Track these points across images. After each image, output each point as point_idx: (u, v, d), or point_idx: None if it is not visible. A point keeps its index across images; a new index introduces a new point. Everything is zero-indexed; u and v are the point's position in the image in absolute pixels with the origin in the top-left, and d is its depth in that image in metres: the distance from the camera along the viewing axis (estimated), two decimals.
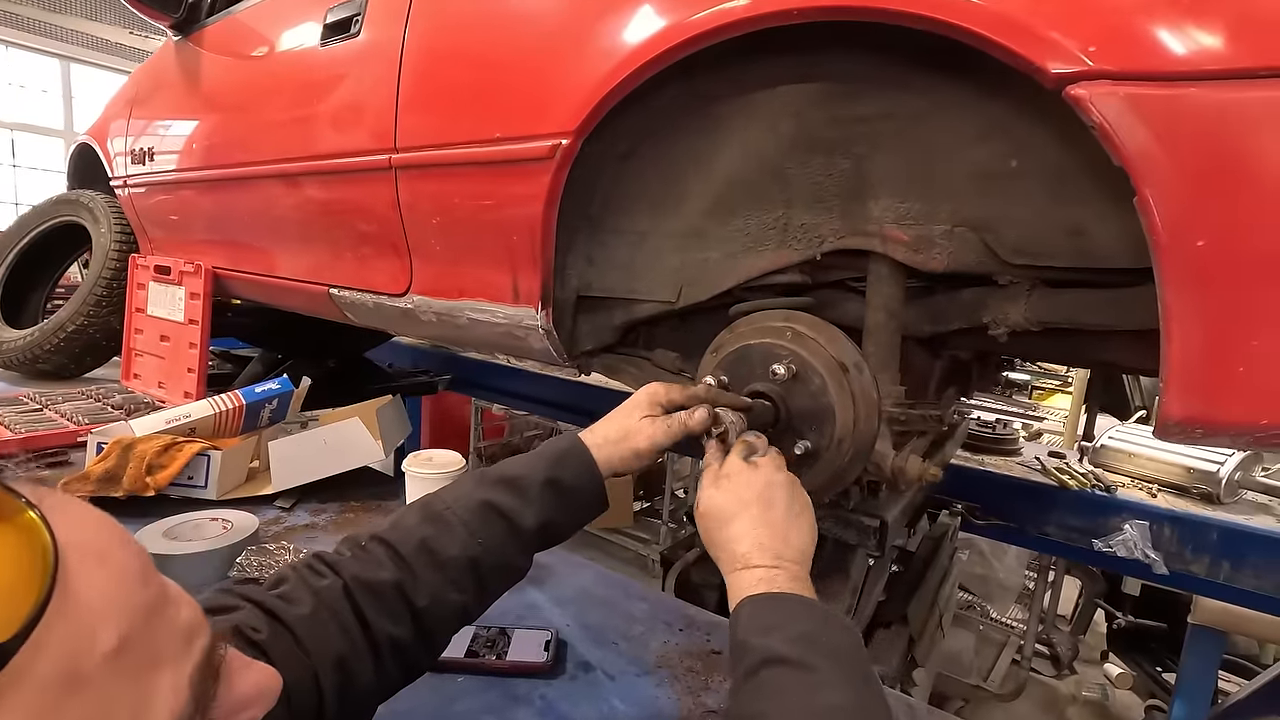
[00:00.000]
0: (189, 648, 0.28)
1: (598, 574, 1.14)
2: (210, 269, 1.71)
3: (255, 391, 1.38)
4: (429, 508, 0.60)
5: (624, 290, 1.10)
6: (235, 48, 1.57)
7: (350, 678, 0.50)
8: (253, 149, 1.45)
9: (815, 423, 0.76)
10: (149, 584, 0.27)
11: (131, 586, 0.25)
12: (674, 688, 0.83)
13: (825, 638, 0.51)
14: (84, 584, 0.23)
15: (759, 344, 0.80)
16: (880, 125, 0.85)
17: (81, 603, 0.23)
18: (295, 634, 0.48)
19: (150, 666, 0.25)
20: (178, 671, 0.26)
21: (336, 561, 0.55)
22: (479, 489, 0.61)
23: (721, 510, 0.64)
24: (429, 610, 0.55)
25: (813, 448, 0.75)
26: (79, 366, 1.99)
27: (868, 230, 0.88)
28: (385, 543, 0.56)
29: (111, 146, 2.02)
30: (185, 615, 0.28)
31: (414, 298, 1.19)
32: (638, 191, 1.03)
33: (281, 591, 0.51)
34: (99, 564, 0.25)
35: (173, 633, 0.27)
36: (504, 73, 1.01)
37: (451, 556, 0.56)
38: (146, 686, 0.25)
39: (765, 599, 0.55)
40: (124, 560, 0.26)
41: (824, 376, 0.76)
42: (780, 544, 0.60)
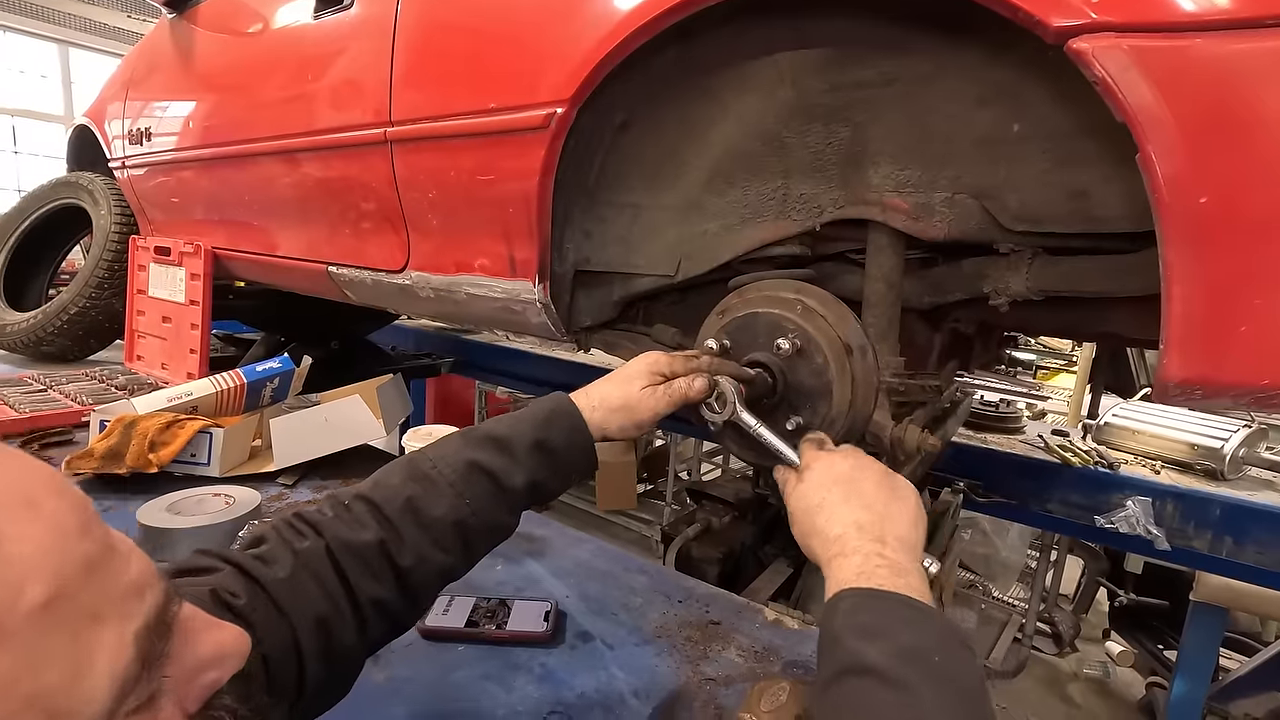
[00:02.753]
0: (137, 604, 0.26)
1: (597, 547, 1.14)
2: (210, 249, 1.71)
3: (256, 370, 1.38)
4: (415, 466, 0.58)
5: (622, 264, 1.09)
6: (228, 23, 1.56)
7: (332, 638, 0.50)
8: (248, 126, 1.44)
9: (811, 401, 0.75)
10: (88, 536, 0.25)
11: (68, 538, 0.24)
12: (673, 657, 0.84)
13: (937, 657, 0.43)
14: (11, 531, 0.23)
15: (767, 313, 0.79)
16: (880, 91, 0.84)
17: (8, 550, 0.22)
18: (274, 597, 0.47)
19: (89, 622, 0.24)
20: (122, 628, 0.25)
21: (318, 521, 0.54)
22: (466, 448, 0.60)
23: (807, 498, 0.59)
24: (413, 570, 0.54)
25: (804, 424, 0.74)
26: (82, 349, 2.00)
27: (867, 199, 0.87)
28: (369, 502, 0.55)
29: (109, 128, 2.01)
30: (135, 569, 0.27)
31: (412, 274, 1.19)
32: (635, 163, 1.02)
33: (260, 552, 0.50)
34: (30, 513, 0.24)
35: (117, 588, 0.26)
36: (498, 41, 0.99)
37: (437, 517, 0.56)
38: (85, 643, 0.24)
39: (872, 596, 0.48)
40: (58, 511, 0.25)
41: (827, 356, 0.75)
42: (880, 525, 0.54)
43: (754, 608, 0.97)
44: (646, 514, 3.75)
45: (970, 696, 0.43)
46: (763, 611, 0.96)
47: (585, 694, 0.77)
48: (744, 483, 1.53)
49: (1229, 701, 2.09)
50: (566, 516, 3.81)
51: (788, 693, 0.70)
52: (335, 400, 1.30)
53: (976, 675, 0.45)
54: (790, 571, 1.26)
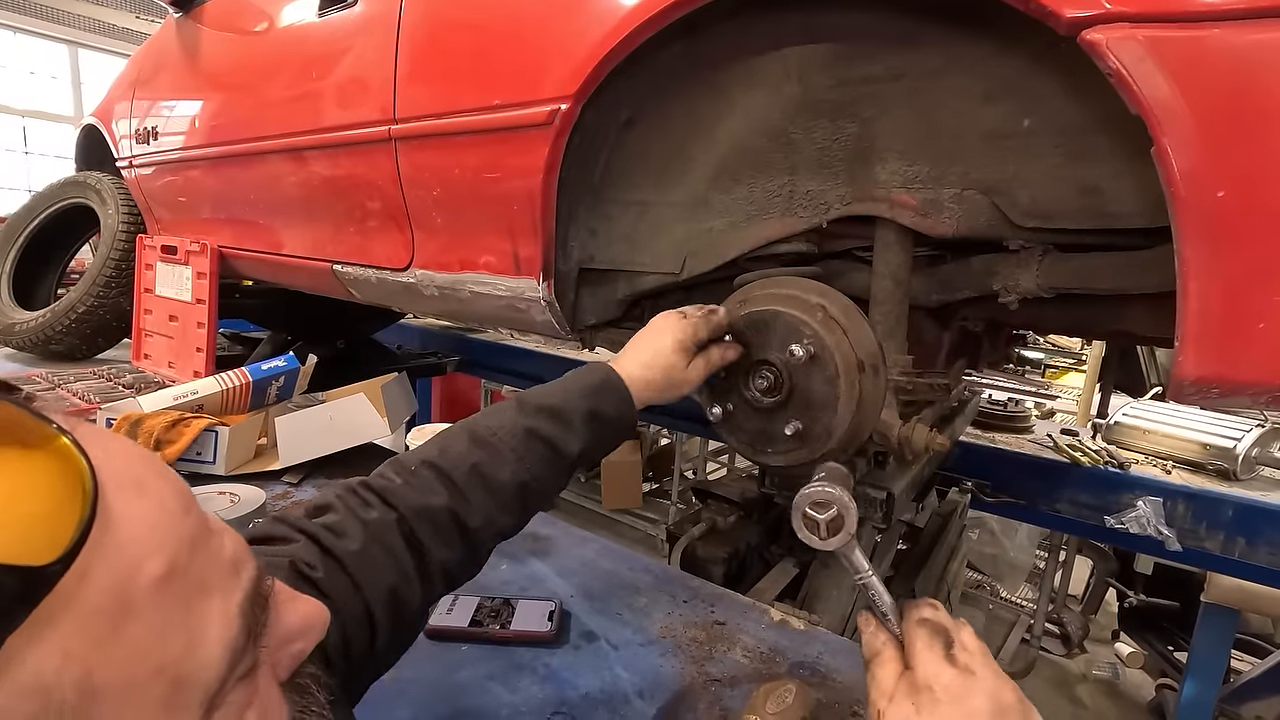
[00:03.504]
0: (236, 578, 0.27)
1: (602, 546, 1.14)
2: (216, 248, 1.71)
3: (262, 369, 1.39)
4: (475, 434, 0.60)
5: (627, 262, 1.08)
6: (234, 22, 1.56)
7: (401, 605, 0.51)
8: (253, 124, 1.44)
9: (814, 411, 0.74)
10: (191, 514, 0.26)
11: (174, 516, 0.25)
12: (677, 658, 0.83)
13: None
14: (125, 511, 0.23)
15: (788, 314, 0.76)
16: (888, 86, 0.83)
17: (124, 530, 0.23)
18: (348, 569, 0.48)
19: (200, 595, 0.25)
20: (227, 600, 0.26)
21: (385, 489, 0.54)
22: (522, 416, 0.61)
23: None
24: (480, 531, 0.57)
25: (802, 431, 0.73)
26: (90, 347, 2.01)
27: (875, 195, 0.86)
28: (436, 468, 0.57)
29: (116, 128, 2.02)
30: (230, 546, 0.28)
31: (416, 272, 1.19)
32: (640, 160, 1.01)
33: (330, 523, 0.51)
34: (138, 493, 0.24)
35: (219, 563, 0.27)
36: (502, 38, 0.99)
37: (503, 481, 0.58)
38: (198, 614, 0.25)
39: None
40: (163, 490, 0.26)
41: (839, 371, 0.72)
42: None
43: (760, 608, 0.97)
44: (652, 513, 3.74)
45: None
46: (768, 612, 0.95)
47: (589, 694, 0.76)
48: (750, 482, 1.51)
49: (1240, 704, 2.07)
50: (571, 516, 3.81)
51: (794, 694, 0.69)
52: (340, 399, 1.30)
53: None
54: (796, 572, 1.25)
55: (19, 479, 0.21)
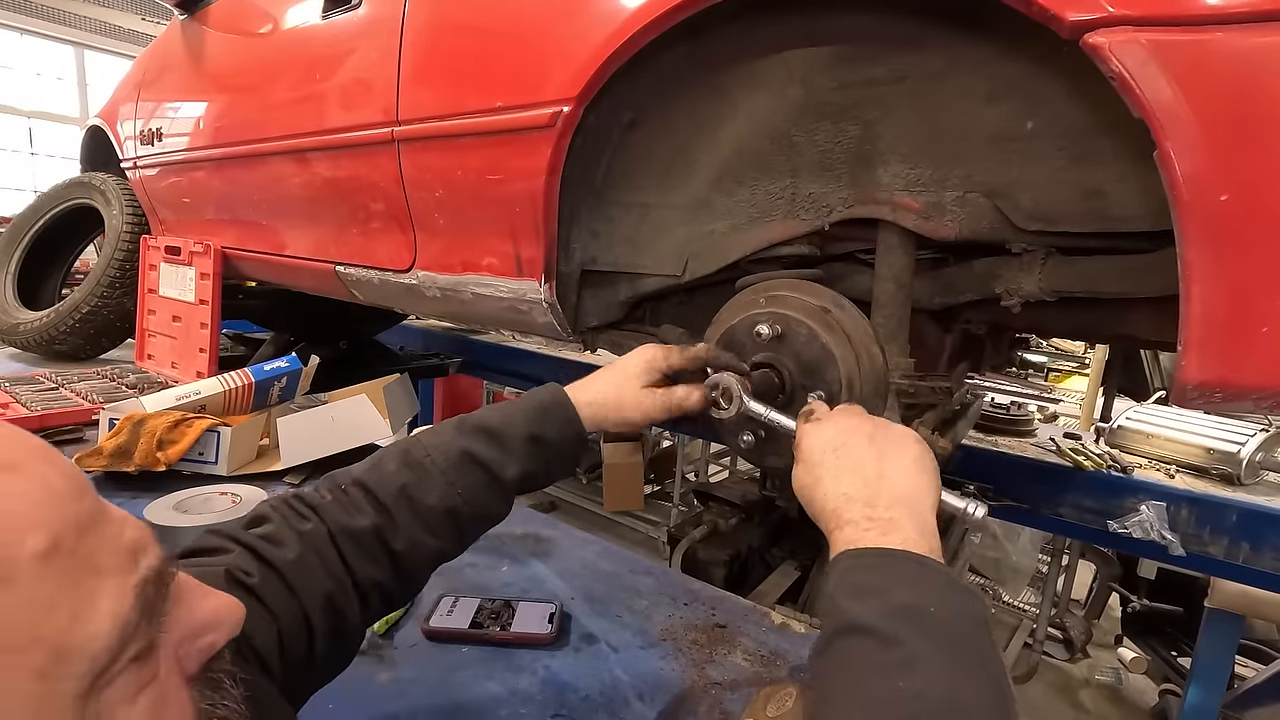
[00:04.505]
0: (134, 562, 0.28)
1: (603, 548, 1.13)
2: (219, 249, 1.71)
3: (264, 369, 1.39)
4: (409, 454, 0.59)
5: (629, 264, 1.08)
6: (239, 24, 1.57)
7: (338, 614, 0.52)
8: (258, 126, 1.45)
9: (819, 370, 0.74)
10: (83, 500, 0.28)
11: (59, 497, 0.27)
12: (678, 660, 0.83)
13: (932, 607, 0.42)
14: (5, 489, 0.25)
15: (740, 320, 0.80)
16: (891, 88, 0.83)
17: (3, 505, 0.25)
18: (285, 577, 0.49)
19: (89, 573, 0.26)
20: (123, 580, 0.27)
21: (319, 504, 0.55)
22: (459, 438, 0.60)
23: (802, 476, 0.57)
24: (407, 554, 0.56)
25: (826, 396, 0.73)
26: (94, 347, 2.01)
27: (877, 198, 0.86)
28: (365, 487, 0.57)
29: (121, 129, 2.03)
30: (129, 534, 0.29)
31: (418, 273, 1.19)
32: (643, 162, 1.01)
33: (266, 533, 0.52)
34: (15, 475, 0.26)
35: (115, 546, 0.28)
36: (505, 40, 0.99)
37: (430, 505, 0.57)
38: (86, 590, 0.26)
39: (869, 555, 0.46)
40: (49, 475, 0.27)
41: (807, 323, 0.75)
42: (869, 489, 0.51)
43: (760, 611, 0.96)
44: (653, 515, 3.74)
45: (967, 644, 0.41)
46: (769, 615, 0.95)
47: (589, 697, 0.76)
48: (751, 485, 1.51)
49: (1244, 710, 2.05)
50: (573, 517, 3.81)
51: (794, 698, 0.69)
52: (342, 400, 1.30)
53: (973, 620, 0.43)
54: (798, 574, 1.25)
55: None
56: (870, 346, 0.76)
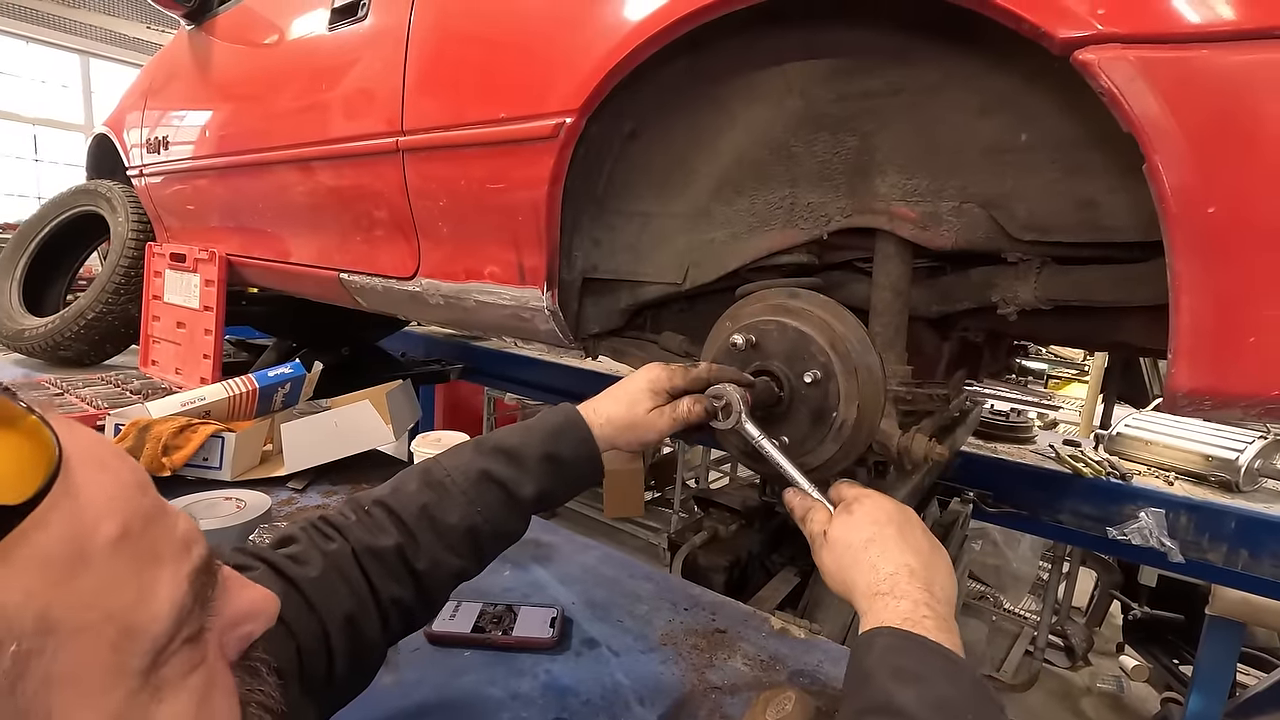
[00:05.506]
0: (187, 552, 0.31)
1: (603, 554, 1.14)
2: (224, 256, 1.73)
3: (268, 375, 1.40)
4: (429, 474, 0.61)
5: (630, 272, 1.10)
6: (246, 35, 1.59)
7: (359, 634, 0.53)
8: (263, 135, 1.47)
9: (800, 353, 0.76)
10: (147, 494, 0.30)
11: (130, 491, 0.29)
12: (678, 665, 0.84)
13: (970, 716, 0.43)
14: (86, 480, 0.27)
15: (718, 348, 0.83)
16: (887, 100, 0.84)
17: (84, 495, 0.27)
18: (306, 595, 0.50)
19: (151, 560, 0.29)
20: (177, 569, 0.30)
21: (343, 525, 0.57)
22: (478, 458, 0.62)
23: (858, 531, 0.57)
24: (428, 573, 0.57)
25: (820, 374, 0.74)
26: (99, 353, 2.03)
27: (875, 208, 0.88)
28: (387, 508, 0.58)
29: (127, 137, 2.05)
30: (183, 526, 0.32)
31: (422, 281, 1.20)
32: (643, 172, 1.03)
33: (292, 552, 0.53)
34: (99, 468, 0.28)
35: (171, 537, 0.30)
36: (509, 52, 1.01)
37: (451, 524, 0.58)
38: (149, 576, 0.28)
39: (912, 640, 0.47)
40: (122, 470, 0.29)
41: (771, 319, 0.78)
42: (929, 573, 0.53)
43: (760, 616, 0.97)
44: (654, 522, 3.74)
45: None
46: (769, 620, 0.96)
47: (590, 700, 0.77)
48: (751, 490, 1.52)
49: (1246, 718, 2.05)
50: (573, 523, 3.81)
51: (793, 702, 0.70)
52: (345, 406, 1.31)
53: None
54: (798, 581, 1.25)
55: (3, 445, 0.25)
56: (867, 354, 0.77)
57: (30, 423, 0.26)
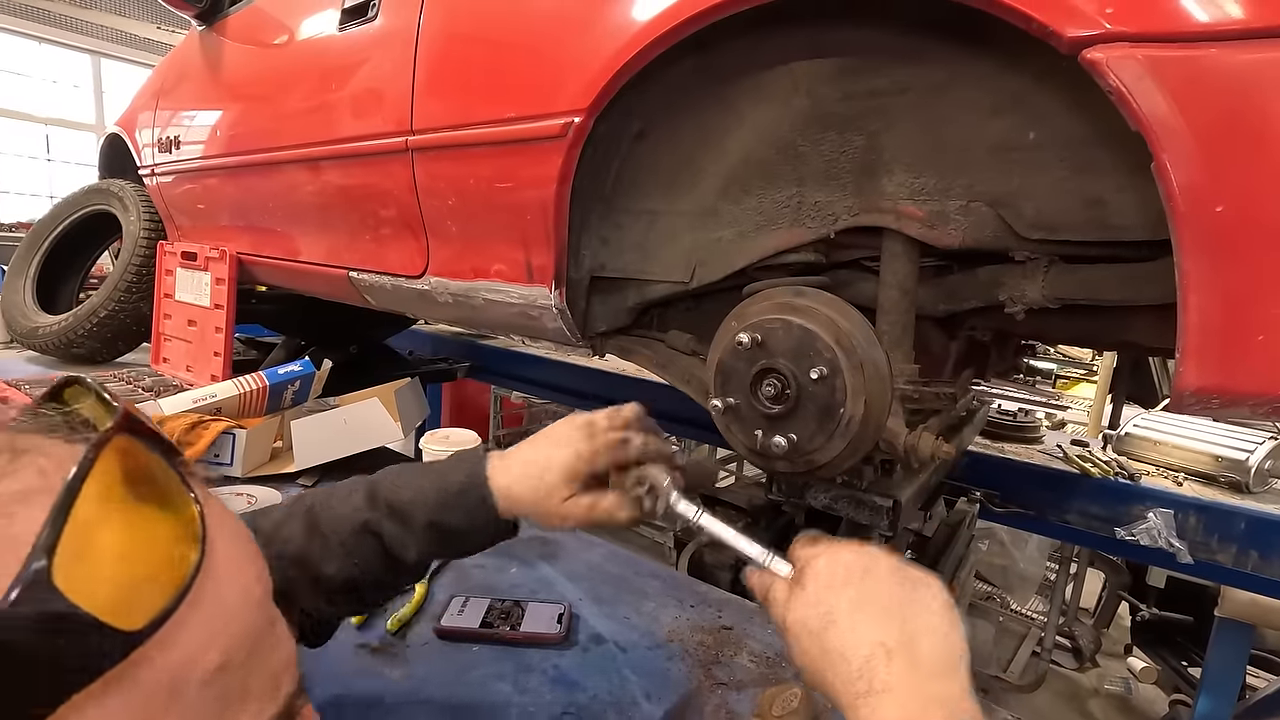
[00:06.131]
0: (276, 693, 0.26)
1: (609, 551, 1.15)
2: (234, 255, 1.75)
3: (278, 373, 1.41)
4: (313, 519, 0.57)
5: (637, 271, 1.10)
6: (256, 35, 1.60)
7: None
8: (274, 135, 1.48)
9: (806, 350, 0.77)
10: (264, 605, 0.27)
11: (250, 608, 0.25)
12: (685, 661, 0.84)
13: None
14: (212, 596, 0.23)
15: (723, 348, 0.85)
16: (893, 100, 0.85)
17: (203, 613, 0.23)
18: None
19: (239, 697, 0.24)
20: (260, 711, 0.25)
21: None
22: (365, 508, 0.58)
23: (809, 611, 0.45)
24: (309, 613, 0.56)
25: (827, 369, 0.74)
26: (111, 351, 2.05)
27: (882, 207, 0.88)
28: (270, 544, 0.55)
29: (139, 137, 2.07)
30: (283, 652, 0.27)
31: (431, 279, 1.21)
32: (651, 171, 1.03)
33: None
34: (230, 574, 0.24)
35: (267, 669, 0.26)
36: (518, 52, 1.01)
37: (329, 574, 0.56)
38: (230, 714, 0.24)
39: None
40: (249, 573, 0.26)
41: (776, 317, 0.79)
42: (910, 643, 0.41)
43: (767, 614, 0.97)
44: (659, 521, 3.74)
45: None
46: None
47: (598, 695, 0.77)
48: (757, 489, 1.52)
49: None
50: None
51: (799, 698, 0.70)
52: (354, 403, 1.32)
53: None
54: None
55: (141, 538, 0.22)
56: (873, 350, 0.77)
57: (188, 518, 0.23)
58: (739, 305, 0.87)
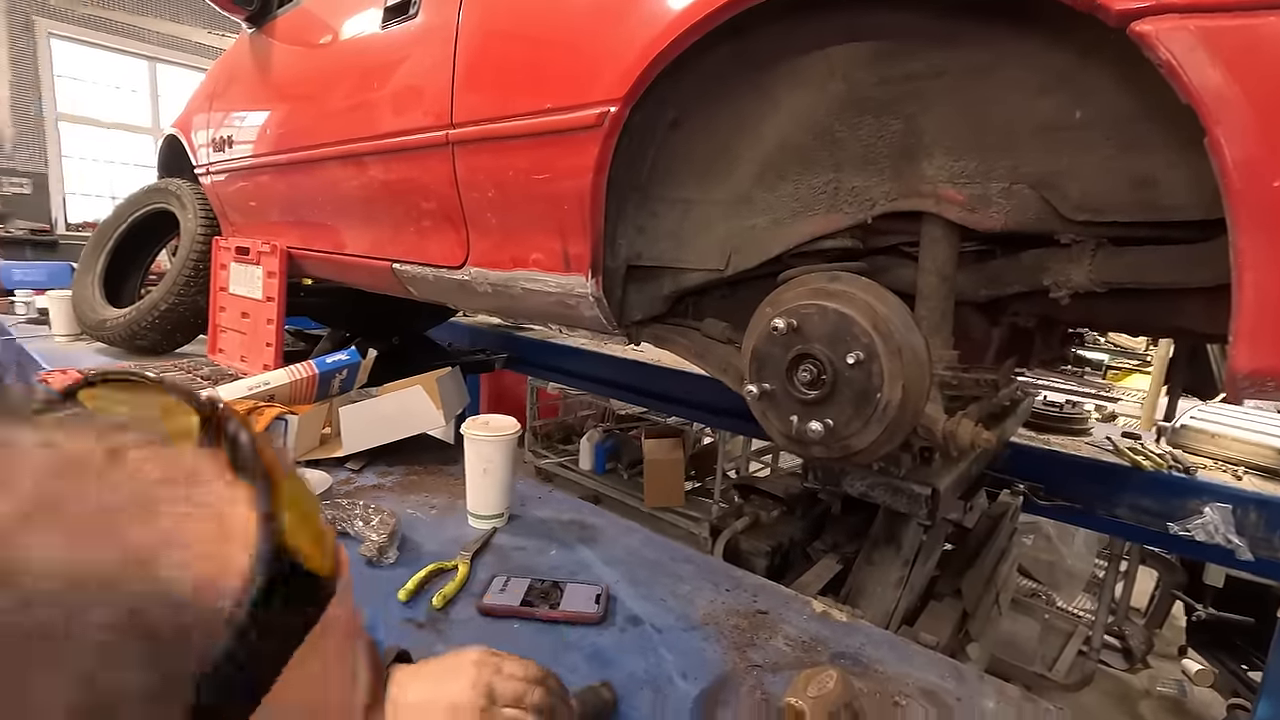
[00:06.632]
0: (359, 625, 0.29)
1: (645, 537, 1.17)
2: (285, 249, 1.81)
3: (326, 362, 1.47)
4: None
5: (672, 259, 1.11)
6: (302, 36, 1.66)
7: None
8: (319, 132, 1.53)
9: (842, 335, 0.76)
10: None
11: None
12: (720, 643, 0.85)
13: None
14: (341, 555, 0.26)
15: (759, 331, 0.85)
16: (931, 83, 0.83)
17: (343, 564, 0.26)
18: None
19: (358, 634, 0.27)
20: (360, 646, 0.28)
21: None
22: None
23: None
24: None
25: (863, 355, 0.74)
26: (170, 342, 2.15)
27: (921, 191, 0.87)
28: None
29: (195, 137, 2.16)
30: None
31: (471, 270, 1.24)
32: (685, 159, 1.04)
33: None
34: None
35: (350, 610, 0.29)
36: (555, 44, 1.03)
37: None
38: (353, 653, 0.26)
39: None
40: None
41: (811, 302, 0.79)
42: None
43: (801, 599, 0.98)
44: (694, 511, 3.75)
45: None
46: (810, 603, 0.96)
47: (635, 673, 0.79)
48: (794, 479, 1.52)
49: None
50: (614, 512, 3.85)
51: (834, 680, 0.71)
52: (399, 391, 1.37)
53: None
54: (840, 568, 1.25)
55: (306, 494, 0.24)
56: (911, 335, 0.77)
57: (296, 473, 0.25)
58: (774, 291, 0.87)
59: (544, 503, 1.27)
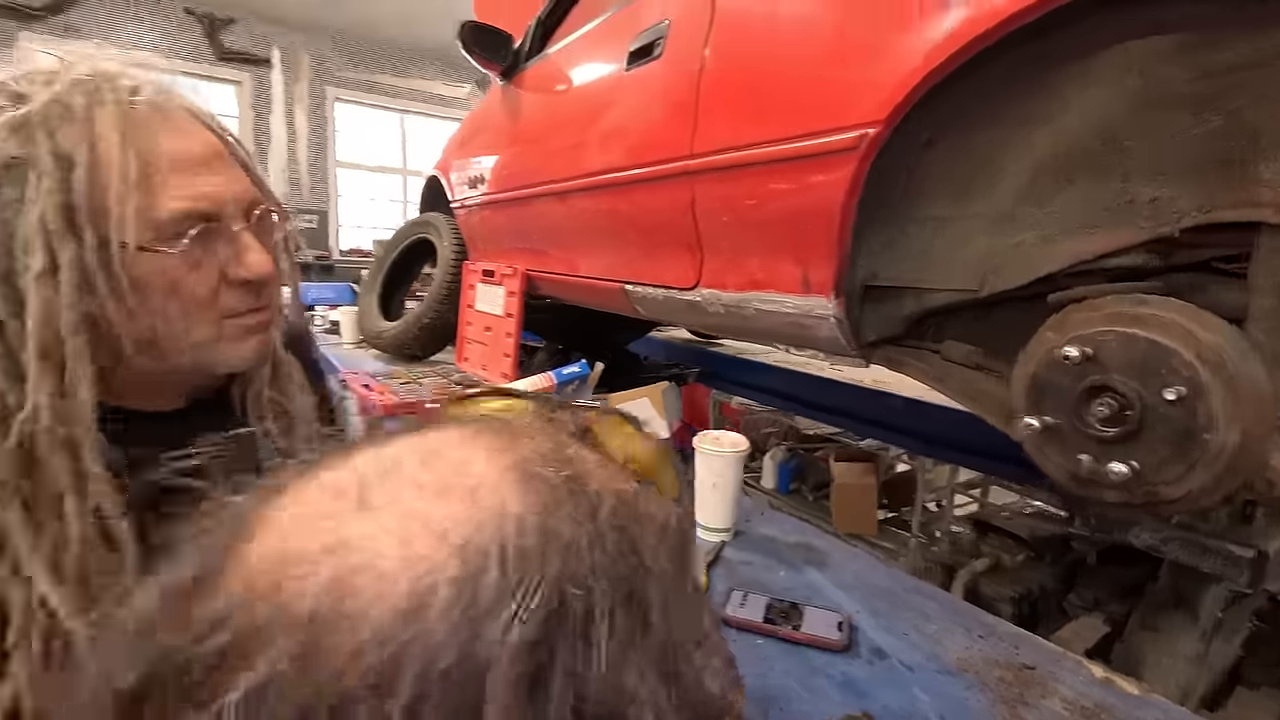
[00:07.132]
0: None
1: (871, 562, 1.13)
2: (524, 272, 2.05)
3: (562, 373, 1.63)
4: None
5: (914, 279, 1.06)
6: (548, 83, 1.87)
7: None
8: (561, 168, 1.71)
9: (1157, 364, 0.67)
10: None
11: None
12: (984, 694, 0.80)
13: None
14: None
15: (1041, 359, 0.78)
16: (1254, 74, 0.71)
17: None
18: None
19: None
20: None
21: None
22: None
23: None
24: None
25: (1188, 390, 0.65)
26: (427, 351, 2.54)
27: (1259, 199, 0.74)
28: None
29: (452, 177, 2.54)
30: None
31: (703, 291, 1.30)
32: (941, 178, 0.99)
33: None
34: None
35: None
36: (809, 72, 1.05)
37: None
38: None
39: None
40: None
41: (1111, 329, 0.72)
42: None
43: (1074, 659, 0.88)
44: (888, 542, 3.50)
45: None
46: (1087, 666, 0.86)
47: (889, 707, 0.77)
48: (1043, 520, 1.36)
49: None
50: None
51: None
52: (629, 401, 1.47)
53: None
54: (1107, 630, 1.10)
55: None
56: (1251, 367, 0.66)
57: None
58: (1056, 315, 0.80)
59: (767, 520, 1.28)
